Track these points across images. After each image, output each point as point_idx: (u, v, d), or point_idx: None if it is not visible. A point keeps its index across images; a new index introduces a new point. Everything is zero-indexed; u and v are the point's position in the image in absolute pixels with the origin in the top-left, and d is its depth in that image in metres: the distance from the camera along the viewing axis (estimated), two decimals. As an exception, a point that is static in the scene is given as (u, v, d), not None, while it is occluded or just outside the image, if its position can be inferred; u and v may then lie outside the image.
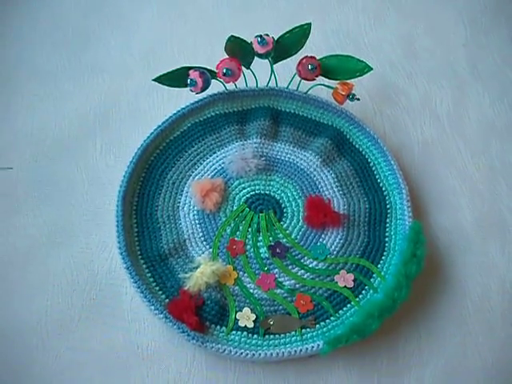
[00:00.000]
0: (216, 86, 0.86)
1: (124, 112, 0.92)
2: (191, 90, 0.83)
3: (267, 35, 0.82)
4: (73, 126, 0.90)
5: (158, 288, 0.75)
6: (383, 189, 0.84)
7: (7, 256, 0.79)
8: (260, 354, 0.70)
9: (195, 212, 0.81)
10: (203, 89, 0.83)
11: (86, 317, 0.75)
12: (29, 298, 0.76)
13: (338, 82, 0.85)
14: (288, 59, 0.86)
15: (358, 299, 0.76)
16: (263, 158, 0.86)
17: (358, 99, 0.84)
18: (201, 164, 0.86)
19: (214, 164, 0.86)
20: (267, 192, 0.84)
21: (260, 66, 0.86)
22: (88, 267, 0.78)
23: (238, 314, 0.74)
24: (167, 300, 0.74)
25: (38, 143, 0.89)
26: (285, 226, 0.81)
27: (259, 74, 0.88)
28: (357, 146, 0.88)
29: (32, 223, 0.82)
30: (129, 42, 1.00)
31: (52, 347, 0.73)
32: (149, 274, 0.76)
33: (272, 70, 0.87)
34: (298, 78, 0.86)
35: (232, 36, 0.81)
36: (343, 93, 0.84)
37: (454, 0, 1.08)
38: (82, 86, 0.95)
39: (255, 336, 0.73)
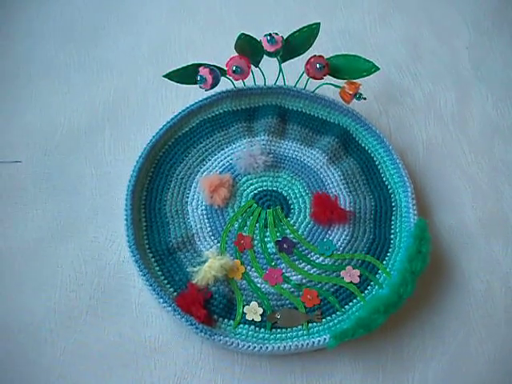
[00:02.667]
0: (224, 84, 0.87)
1: (133, 108, 0.93)
2: (201, 87, 0.84)
3: (276, 34, 0.83)
4: (82, 121, 0.91)
5: (166, 281, 0.76)
6: (388, 187, 0.86)
7: (16, 249, 0.79)
8: (267, 348, 0.71)
9: (203, 207, 0.82)
10: (213, 86, 0.84)
11: (94, 309, 0.75)
12: (37, 291, 0.76)
13: (345, 81, 0.86)
14: (295, 58, 0.87)
15: (363, 295, 0.77)
16: (271, 155, 0.87)
17: (365, 98, 0.86)
18: (209, 160, 0.87)
19: (222, 160, 0.87)
20: (275, 188, 0.85)
21: (268, 64, 0.87)
22: (96, 260, 0.79)
23: (245, 307, 0.75)
24: (175, 293, 0.75)
25: (47, 137, 0.89)
26: (292, 221, 0.82)
27: (267, 72, 0.89)
28: (363, 145, 0.89)
29: (41, 216, 0.82)
30: (138, 39, 1.01)
31: (60, 339, 0.73)
32: (157, 268, 0.77)
33: (280, 69, 0.88)
34: (305, 77, 0.87)
35: (242, 34, 0.82)
36: (350, 92, 0.85)
37: (457, 3, 1.10)
38: (92, 82, 0.96)
39: (262, 329, 0.74)
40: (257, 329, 0.74)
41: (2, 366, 0.71)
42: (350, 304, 0.76)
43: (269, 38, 0.83)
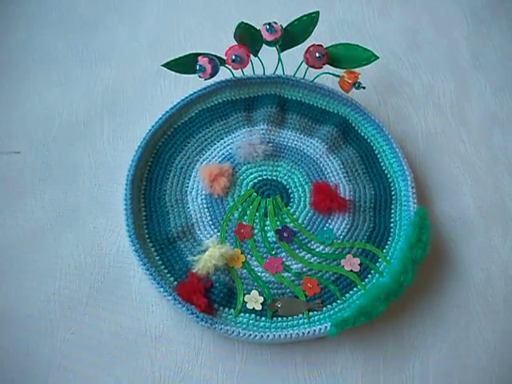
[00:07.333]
0: (223, 73, 0.87)
1: (131, 98, 0.93)
2: (200, 76, 0.84)
3: (275, 23, 0.83)
4: (80, 111, 0.91)
5: (166, 271, 0.76)
6: (388, 176, 0.86)
7: (15, 239, 0.79)
8: (268, 336, 0.71)
9: (203, 196, 0.82)
10: (212, 75, 0.83)
11: (93, 300, 0.75)
12: (37, 281, 0.76)
13: (344, 70, 0.86)
14: (294, 48, 0.87)
15: (364, 283, 0.77)
16: (270, 144, 0.87)
17: (364, 88, 0.85)
18: (208, 149, 0.87)
19: (221, 150, 0.87)
20: (274, 177, 0.85)
21: (267, 53, 0.87)
22: (96, 250, 0.79)
23: (246, 296, 0.75)
24: (176, 282, 0.75)
25: (45, 128, 0.89)
26: (292, 210, 0.82)
27: (266, 61, 0.89)
28: (362, 134, 0.89)
29: (40, 207, 0.82)
30: (136, 29, 1.01)
31: (60, 330, 0.73)
32: (157, 257, 0.77)
33: (279, 58, 0.88)
34: (304, 67, 0.87)
35: (242, 23, 0.82)
36: (350, 81, 0.85)
37: (456, -7, 1.10)
38: (90, 72, 0.95)
39: (263, 318, 0.74)
40: (257, 317, 0.74)
41: (2, 356, 0.71)
42: (351, 292, 0.76)
43: (268, 27, 0.82)
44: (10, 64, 0.96)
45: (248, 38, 0.84)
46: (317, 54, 0.84)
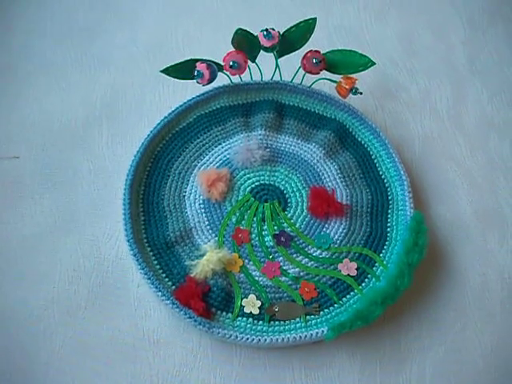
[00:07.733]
0: (221, 79, 0.88)
1: (130, 103, 0.93)
2: (198, 82, 0.84)
3: (273, 29, 0.84)
4: (80, 117, 0.91)
5: (164, 275, 0.76)
6: (385, 180, 0.86)
7: (15, 244, 0.79)
8: (265, 340, 0.71)
9: (201, 201, 0.83)
10: (210, 81, 0.84)
11: (92, 304, 0.75)
12: (36, 285, 0.76)
13: (341, 76, 0.87)
14: (292, 54, 0.88)
15: (361, 287, 0.77)
16: (268, 150, 0.87)
17: (361, 93, 0.86)
18: (206, 155, 0.87)
19: (219, 155, 0.87)
20: (272, 182, 0.85)
21: (265, 59, 0.88)
22: (94, 255, 0.79)
23: (243, 300, 0.75)
24: (174, 287, 0.75)
25: (44, 133, 0.89)
26: (289, 215, 0.83)
27: (264, 67, 0.89)
28: (359, 139, 0.90)
29: (39, 211, 0.82)
30: (135, 35, 1.02)
31: (59, 334, 0.73)
32: (155, 262, 0.77)
33: (277, 64, 0.88)
34: (301, 72, 0.88)
35: (239, 29, 0.83)
36: (347, 87, 0.85)
37: (453, -1, 1.11)
38: (89, 78, 0.96)
39: (260, 322, 0.74)
40: (255, 321, 0.74)
41: (0, 360, 0.71)
42: (348, 296, 0.77)
43: (265, 33, 0.83)
44: (9, 69, 0.96)
45: (245, 44, 0.84)
46: (314, 60, 0.84)
